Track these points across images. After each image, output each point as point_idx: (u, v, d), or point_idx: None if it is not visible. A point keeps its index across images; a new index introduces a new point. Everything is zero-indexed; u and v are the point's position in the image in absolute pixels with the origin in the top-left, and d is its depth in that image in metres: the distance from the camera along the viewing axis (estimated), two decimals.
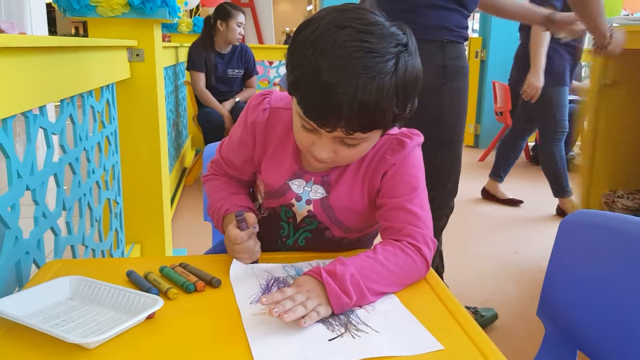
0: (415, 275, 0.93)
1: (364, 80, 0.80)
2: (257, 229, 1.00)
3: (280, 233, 1.10)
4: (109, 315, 0.79)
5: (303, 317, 0.77)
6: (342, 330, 0.77)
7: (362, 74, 0.80)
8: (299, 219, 1.07)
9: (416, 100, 0.90)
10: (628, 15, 2.94)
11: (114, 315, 0.79)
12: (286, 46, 0.91)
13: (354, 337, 0.75)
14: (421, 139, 1.03)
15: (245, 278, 0.94)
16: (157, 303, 0.78)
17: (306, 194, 1.04)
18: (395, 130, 1.01)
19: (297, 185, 1.04)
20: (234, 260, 0.99)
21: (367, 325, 0.78)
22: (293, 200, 1.04)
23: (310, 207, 1.04)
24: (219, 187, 1.14)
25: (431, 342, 0.74)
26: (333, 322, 0.79)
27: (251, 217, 1.01)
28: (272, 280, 0.93)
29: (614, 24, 2.12)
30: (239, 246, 0.97)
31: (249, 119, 1.05)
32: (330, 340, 0.74)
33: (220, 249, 1.27)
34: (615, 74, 2.04)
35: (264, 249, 1.04)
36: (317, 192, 1.03)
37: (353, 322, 0.79)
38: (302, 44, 0.84)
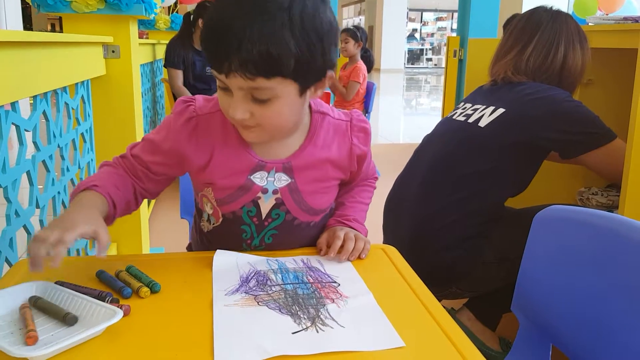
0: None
1: (254, 16, 0.81)
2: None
3: (242, 237, 1.05)
4: (66, 326, 0.75)
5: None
6: (308, 324, 0.77)
7: (251, 13, 0.82)
8: (264, 214, 1.03)
9: (331, 48, 0.89)
10: (603, 15, 2.98)
11: (72, 327, 0.75)
12: None
13: (317, 332, 0.75)
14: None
15: (227, 269, 0.94)
16: (115, 315, 0.74)
17: (271, 185, 1.01)
18: (339, 113, 1.06)
19: (259, 178, 1.01)
20: (218, 251, 0.99)
21: (334, 320, 0.79)
22: (260, 194, 1.01)
23: (278, 195, 1.01)
24: (109, 176, 1.00)
25: (393, 339, 0.74)
26: (302, 316, 0.79)
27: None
28: (253, 273, 0.93)
29: (589, 23, 2.15)
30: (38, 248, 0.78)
31: (173, 128, 1.00)
32: (293, 333, 0.75)
33: (196, 247, 1.26)
34: (590, 73, 2.06)
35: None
36: (280, 179, 1.01)
37: (321, 316, 0.79)
38: None
